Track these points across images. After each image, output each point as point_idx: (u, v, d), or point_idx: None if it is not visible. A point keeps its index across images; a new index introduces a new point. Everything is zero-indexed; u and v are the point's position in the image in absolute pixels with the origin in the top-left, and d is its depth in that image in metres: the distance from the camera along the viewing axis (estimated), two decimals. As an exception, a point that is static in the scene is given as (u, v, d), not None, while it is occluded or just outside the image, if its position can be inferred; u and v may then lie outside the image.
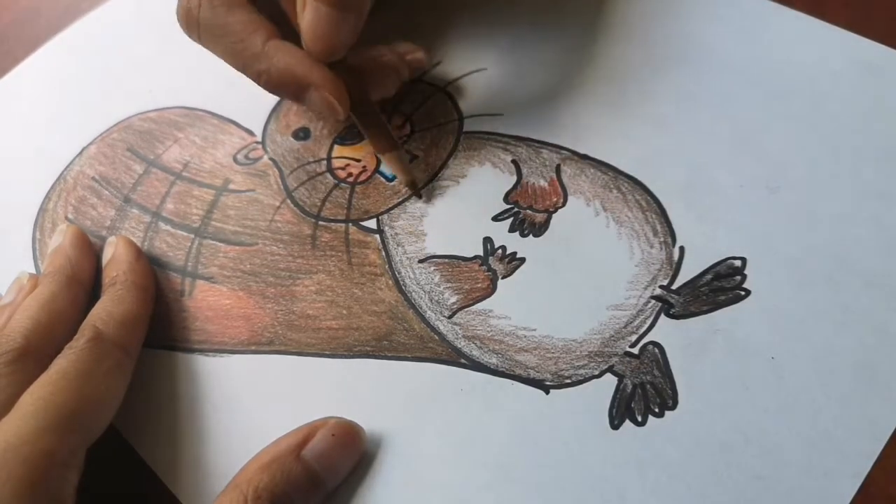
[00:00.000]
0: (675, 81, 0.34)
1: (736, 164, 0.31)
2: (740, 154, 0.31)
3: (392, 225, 0.32)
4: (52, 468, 0.23)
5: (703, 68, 0.34)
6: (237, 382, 0.29)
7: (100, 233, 0.34)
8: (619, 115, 0.33)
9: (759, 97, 0.33)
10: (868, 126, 0.31)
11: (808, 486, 0.24)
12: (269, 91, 0.30)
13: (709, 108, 0.33)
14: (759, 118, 0.32)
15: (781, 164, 0.31)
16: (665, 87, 0.34)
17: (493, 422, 0.27)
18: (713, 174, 0.31)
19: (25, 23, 0.45)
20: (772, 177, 0.31)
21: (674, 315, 0.28)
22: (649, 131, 0.33)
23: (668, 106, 0.33)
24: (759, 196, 0.30)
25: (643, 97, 0.34)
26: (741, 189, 0.30)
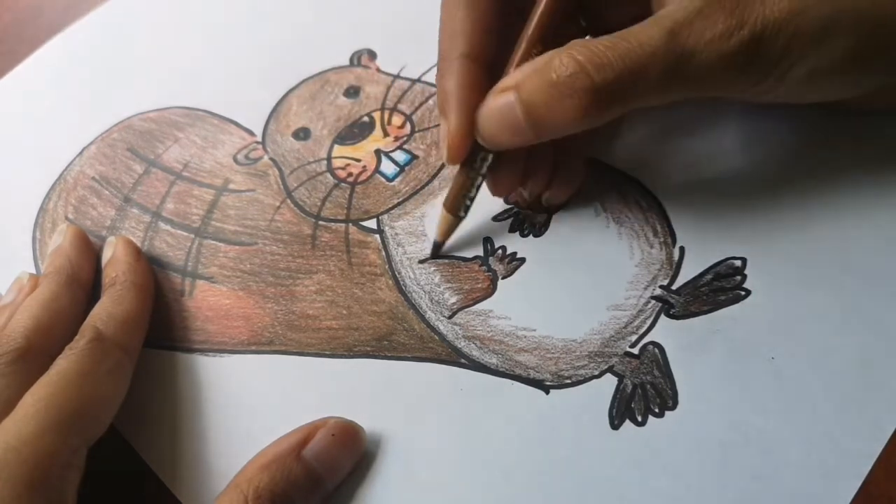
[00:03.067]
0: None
1: (736, 164, 0.31)
2: (740, 154, 0.31)
3: (392, 225, 0.32)
4: (53, 469, 0.23)
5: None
6: (237, 382, 0.29)
7: (100, 233, 0.34)
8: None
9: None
10: (868, 126, 0.31)
11: (808, 487, 0.24)
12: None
13: (709, 108, 0.33)
14: (760, 118, 0.32)
15: (781, 163, 0.31)
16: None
17: (493, 422, 0.27)
18: (713, 174, 0.31)
19: (26, 22, 0.45)
20: (772, 177, 0.30)
21: (674, 315, 0.28)
22: (649, 131, 0.33)
23: (668, 107, 0.33)
24: (759, 196, 0.30)
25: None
26: (741, 189, 0.30)
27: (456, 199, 0.29)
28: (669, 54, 0.23)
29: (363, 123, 0.36)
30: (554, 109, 0.24)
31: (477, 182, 0.29)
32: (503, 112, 0.26)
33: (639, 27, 0.24)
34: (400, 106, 0.36)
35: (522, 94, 0.25)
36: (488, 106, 0.26)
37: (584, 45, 0.24)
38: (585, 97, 0.24)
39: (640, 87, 0.24)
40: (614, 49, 0.24)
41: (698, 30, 0.23)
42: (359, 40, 0.39)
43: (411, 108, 0.36)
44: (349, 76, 0.37)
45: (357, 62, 0.38)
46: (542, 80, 0.24)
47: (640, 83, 0.24)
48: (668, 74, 0.24)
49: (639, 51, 0.23)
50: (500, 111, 0.26)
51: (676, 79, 0.24)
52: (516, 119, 0.25)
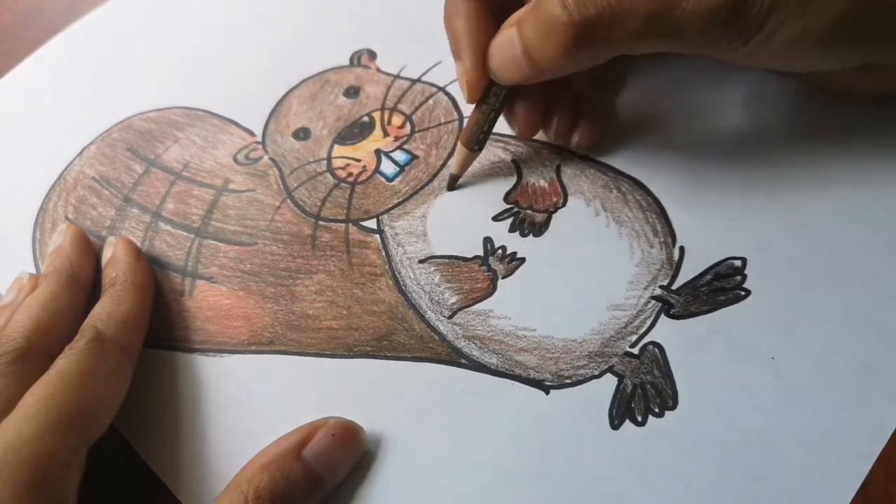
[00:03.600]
0: (676, 81, 0.34)
1: (736, 164, 0.31)
2: (741, 154, 0.31)
3: (392, 225, 0.32)
4: (53, 469, 0.23)
5: (703, 68, 0.34)
6: (237, 382, 0.29)
7: (100, 233, 0.34)
8: (619, 115, 0.33)
9: (757, 97, 0.33)
10: (868, 125, 0.31)
11: (808, 487, 0.24)
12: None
13: (709, 108, 0.33)
14: (760, 117, 0.32)
15: (782, 163, 0.31)
16: (666, 87, 0.34)
17: (493, 422, 0.27)
18: (713, 174, 0.31)
19: (26, 22, 0.45)
20: (772, 177, 0.30)
21: (674, 315, 0.28)
22: (649, 131, 0.33)
23: (668, 106, 0.33)
24: (759, 196, 0.30)
25: (644, 97, 0.34)
26: (741, 189, 0.30)
27: (472, 133, 0.30)
28: (652, 2, 0.24)
29: (363, 123, 0.36)
30: (543, 46, 0.25)
31: (490, 116, 0.30)
32: (506, 47, 0.27)
33: None
34: (400, 106, 0.36)
35: (521, 30, 0.26)
36: (496, 41, 0.27)
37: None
38: (565, 34, 0.24)
39: (621, 29, 0.24)
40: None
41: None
42: (359, 40, 0.39)
43: (411, 108, 0.36)
44: (349, 76, 0.37)
45: (357, 62, 0.38)
46: (534, 16, 0.25)
47: (621, 25, 0.24)
48: (650, 21, 0.24)
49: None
50: (503, 46, 0.27)
51: (659, 27, 0.24)
52: (517, 54, 0.26)
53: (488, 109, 0.30)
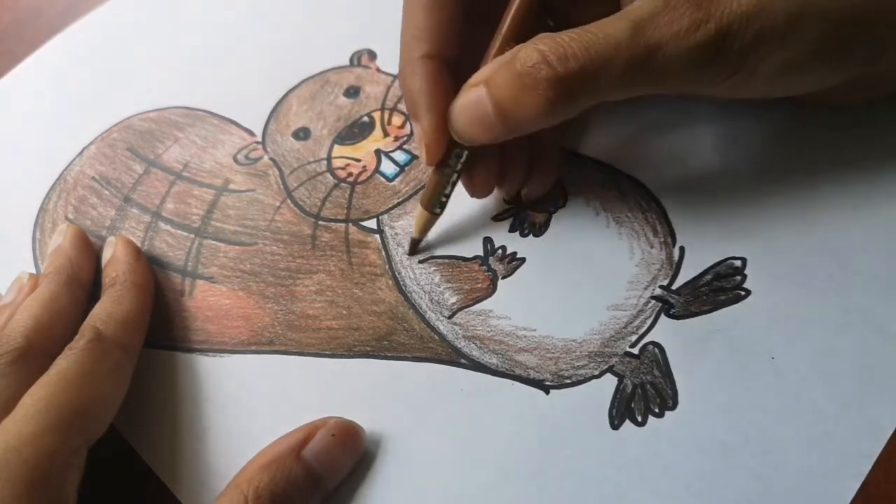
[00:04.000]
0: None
1: (736, 164, 0.31)
2: (741, 154, 0.31)
3: (392, 225, 0.32)
4: (53, 469, 0.23)
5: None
6: (237, 382, 0.29)
7: (100, 233, 0.34)
8: (619, 115, 0.33)
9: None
10: (867, 126, 0.31)
11: (808, 487, 0.24)
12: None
13: (709, 108, 0.33)
14: (760, 117, 0.32)
15: (782, 163, 0.31)
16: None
17: (493, 422, 0.27)
18: (713, 174, 0.31)
19: (26, 22, 0.45)
20: (772, 177, 0.30)
21: (674, 315, 0.28)
22: (649, 132, 0.33)
23: (668, 106, 0.33)
24: (759, 196, 0.30)
25: (643, 97, 0.34)
26: (741, 189, 0.30)
27: (432, 196, 0.29)
28: (634, 47, 0.23)
29: (363, 123, 0.36)
30: (521, 103, 0.24)
31: (452, 179, 0.29)
32: (474, 107, 0.26)
33: (605, 20, 0.24)
34: (400, 106, 0.36)
35: (491, 88, 0.25)
36: (460, 101, 0.26)
37: (548, 37, 0.24)
38: (549, 89, 0.24)
39: (604, 79, 0.24)
40: (578, 40, 0.23)
41: (664, 23, 0.23)
42: (359, 40, 0.39)
43: (411, 108, 0.36)
44: (349, 76, 0.37)
45: (357, 62, 0.38)
46: (508, 73, 0.24)
47: (604, 75, 0.24)
48: (632, 67, 0.23)
49: (603, 42, 0.23)
50: (471, 106, 0.26)
51: (641, 72, 0.24)
52: (487, 114, 0.25)
53: (449, 171, 0.29)
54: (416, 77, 0.27)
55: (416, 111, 0.28)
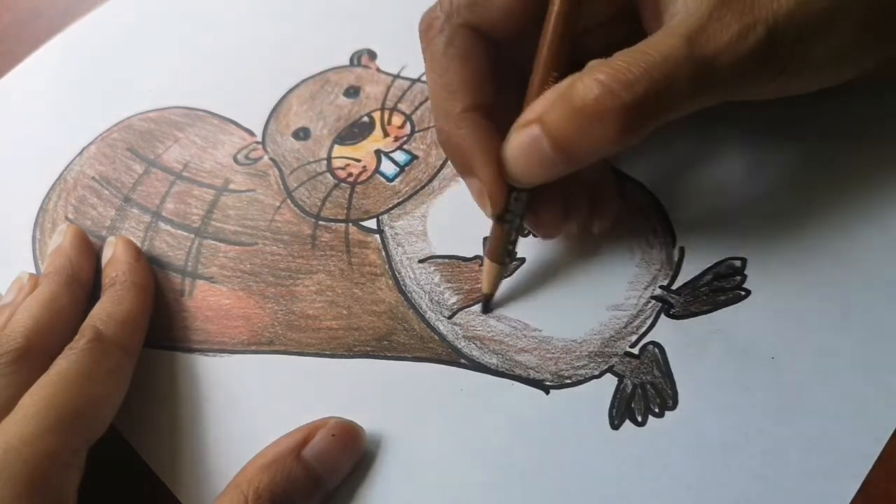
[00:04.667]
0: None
1: (736, 165, 0.31)
2: (740, 154, 0.31)
3: (392, 225, 0.32)
4: (53, 469, 0.23)
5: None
6: (237, 382, 0.29)
7: (100, 233, 0.34)
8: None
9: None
10: (868, 125, 0.31)
11: (808, 487, 0.24)
12: (441, 146, 0.28)
13: (708, 109, 0.32)
14: (760, 118, 0.32)
15: (781, 164, 0.31)
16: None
17: (493, 422, 0.27)
18: (713, 174, 0.31)
19: (26, 23, 0.45)
20: (772, 177, 0.30)
21: (674, 315, 0.28)
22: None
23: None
24: (759, 196, 0.30)
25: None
26: (741, 189, 0.30)
27: (500, 247, 0.28)
28: (692, 61, 0.23)
29: (363, 123, 0.36)
30: (586, 136, 0.23)
31: (516, 225, 0.27)
32: (530, 147, 0.24)
33: (654, 39, 0.23)
34: (400, 106, 0.36)
35: (547, 125, 0.24)
36: (513, 143, 0.25)
37: (603, 64, 0.23)
38: (619, 118, 0.23)
39: (670, 98, 0.23)
40: (638, 64, 0.23)
41: (715, 33, 0.23)
42: (359, 40, 0.39)
43: (411, 108, 0.36)
44: (349, 76, 0.37)
45: (357, 62, 0.38)
46: (567, 107, 0.23)
47: (670, 95, 0.23)
48: (694, 82, 0.23)
49: (662, 62, 0.23)
50: (526, 147, 0.25)
51: (703, 85, 0.23)
52: (544, 152, 0.24)
53: (512, 217, 0.27)
54: (463, 132, 0.26)
55: (471, 166, 0.26)
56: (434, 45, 0.27)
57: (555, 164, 0.24)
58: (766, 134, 0.32)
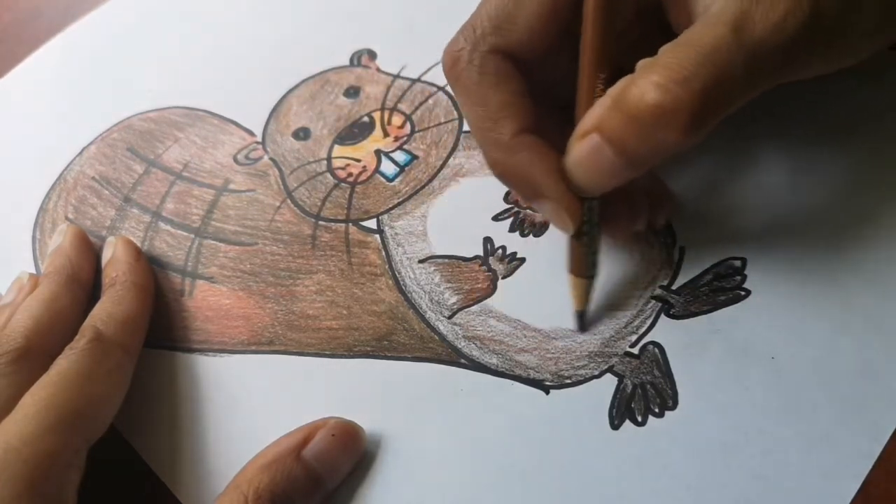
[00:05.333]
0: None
1: (736, 165, 0.31)
2: (740, 154, 0.31)
3: (392, 225, 0.32)
4: (54, 469, 0.23)
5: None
6: (237, 382, 0.29)
7: (100, 233, 0.34)
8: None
9: (757, 97, 0.33)
10: (868, 125, 0.31)
11: (808, 487, 0.24)
12: (497, 178, 0.27)
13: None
14: (760, 118, 0.32)
15: (781, 164, 0.31)
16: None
17: (493, 422, 0.27)
18: (713, 174, 0.31)
19: (26, 23, 0.45)
20: (772, 177, 0.30)
21: (674, 315, 0.28)
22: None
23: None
24: (759, 196, 0.30)
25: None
26: (741, 189, 0.30)
27: (583, 260, 0.27)
28: (743, 48, 0.22)
29: (363, 123, 0.36)
30: (648, 140, 0.23)
31: (594, 233, 0.27)
32: (592, 157, 0.24)
33: (697, 32, 0.23)
34: (400, 106, 0.36)
35: (606, 133, 0.23)
36: (575, 155, 0.24)
37: (655, 65, 0.23)
38: (680, 118, 0.22)
39: (728, 90, 0.23)
40: (690, 59, 0.22)
41: (761, 16, 0.22)
42: (359, 40, 0.39)
43: (411, 108, 0.36)
44: (349, 76, 0.37)
45: (357, 62, 0.38)
46: (624, 114, 0.23)
47: (727, 86, 0.22)
48: (748, 69, 0.22)
49: (714, 53, 0.22)
50: (588, 157, 0.24)
51: (757, 71, 0.23)
52: (608, 160, 0.24)
53: (589, 227, 0.26)
54: (520, 157, 0.26)
55: (538, 188, 0.26)
56: (465, 77, 0.26)
57: (621, 171, 0.24)
58: (766, 134, 0.32)
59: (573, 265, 0.27)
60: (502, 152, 0.26)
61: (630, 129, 0.23)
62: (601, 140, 0.23)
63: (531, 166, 0.25)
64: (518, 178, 0.26)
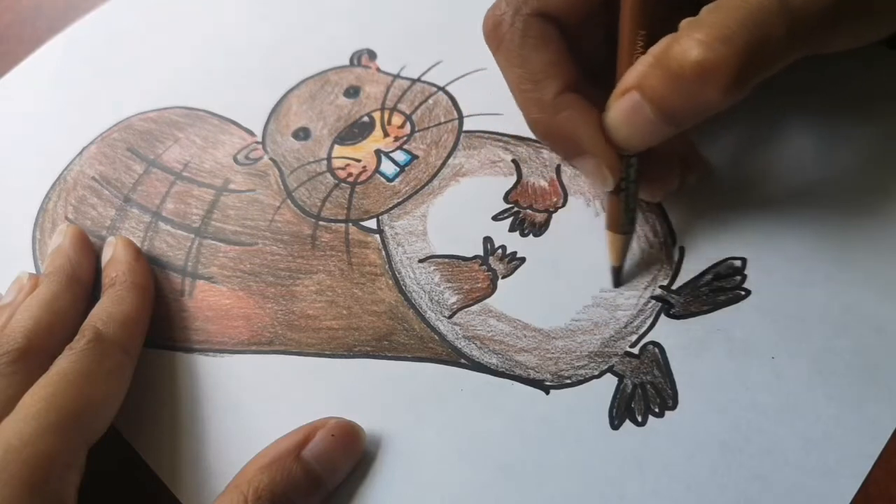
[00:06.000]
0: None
1: (735, 164, 0.31)
2: (740, 154, 0.31)
3: (392, 225, 0.32)
4: (54, 469, 0.23)
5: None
6: (237, 382, 0.29)
7: (100, 233, 0.34)
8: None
9: (759, 97, 0.33)
10: (868, 125, 0.31)
11: (808, 486, 0.24)
12: (539, 139, 0.28)
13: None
14: (760, 118, 0.32)
15: (781, 163, 0.31)
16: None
17: (493, 422, 0.27)
18: (713, 174, 0.31)
19: (26, 23, 0.45)
20: (772, 177, 0.30)
21: (674, 315, 0.28)
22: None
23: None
24: (759, 196, 0.30)
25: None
26: (741, 189, 0.30)
27: (619, 216, 0.28)
28: (786, 11, 0.22)
29: (363, 123, 0.36)
30: (689, 99, 0.23)
31: (632, 190, 0.27)
32: (632, 114, 0.24)
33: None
34: (400, 106, 0.36)
35: (647, 91, 0.24)
36: (615, 111, 0.25)
37: (699, 23, 0.23)
38: (722, 77, 0.22)
39: (770, 52, 0.23)
40: (734, 19, 0.22)
41: None
42: (359, 40, 0.39)
43: (411, 108, 0.36)
44: (349, 76, 0.37)
45: (357, 62, 0.38)
46: (666, 72, 0.23)
47: (769, 48, 0.23)
48: (791, 32, 0.23)
49: (759, 15, 0.22)
50: (628, 114, 0.25)
51: (798, 35, 0.23)
52: (647, 117, 0.24)
53: (627, 184, 0.27)
54: (563, 115, 0.26)
55: (579, 145, 0.26)
56: (508, 40, 0.27)
57: (660, 129, 0.24)
58: (765, 134, 0.32)
59: (610, 221, 0.28)
60: (545, 112, 0.27)
61: (671, 86, 0.23)
62: (641, 97, 0.24)
63: (573, 123, 0.26)
64: (560, 135, 0.27)
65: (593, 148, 0.26)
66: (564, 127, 0.26)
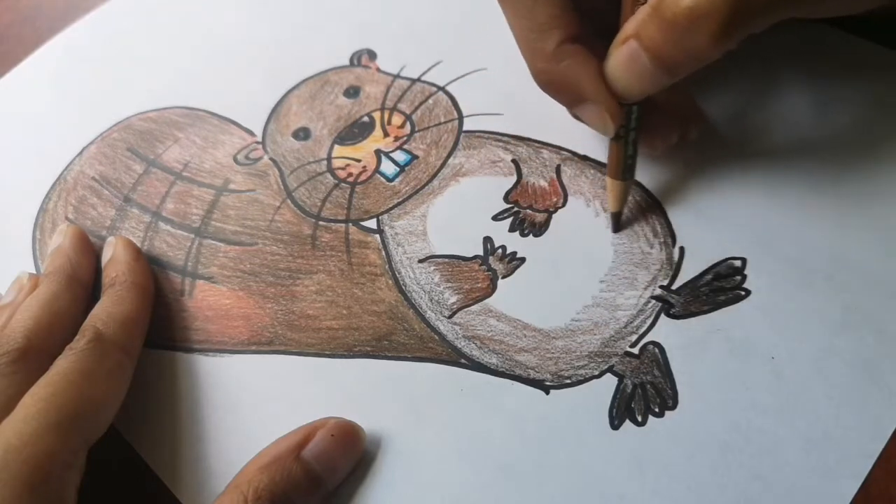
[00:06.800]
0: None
1: (735, 164, 0.31)
2: (740, 154, 0.31)
3: (392, 225, 0.32)
4: (54, 469, 0.23)
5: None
6: (237, 382, 0.29)
7: (100, 233, 0.34)
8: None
9: (759, 97, 0.33)
10: (868, 125, 0.31)
11: (808, 486, 0.24)
12: (542, 89, 0.29)
13: (708, 109, 0.33)
14: (761, 118, 0.32)
15: (781, 164, 0.31)
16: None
17: (493, 422, 0.27)
18: (713, 174, 0.31)
19: (25, 23, 0.45)
20: (771, 177, 0.30)
21: (674, 315, 0.28)
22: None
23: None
24: (759, 196, 0.30)
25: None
26: (741, 189, 0.30)
27: (619, 163, 0.29)
28: None
29: (363, 123, 0.36)
30: (682, 47, 0.24)
31: (632, 138, 0.28)
32: (630, 62, 0.25)
33: None
34: (400, 106, 0.36)
35: (644, 40, 0.25)
36: (614, 60, 0.26)
37: None
38: (714, 22, 0.23)
39: (758, 1, 0.23)
40: None
41: None
42: (359, 40, 0.39)
43: (411, 108, 0.36)
44: (349, 76, 0.37)
45: (357, 62, 0.38)
46: (660, 20, 0.24)
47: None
48: None
49: None
50: (626, 62, 0.25)
51: None
52: (645, 65, 0.25)
53: (625, 132, 0.28)
54: (565, 63, 0.27)
55: (581, 93, 0.27)
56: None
57: (656, 77, 0.25)
58: (765, 134, 0.32)
59: (611, 168, 0.29)
60: (548, 61, 0.27)
61: (665, 34, 0.24)
62: (638, 46, 0.25)
63: (574, 72, 0.27)
64: (562, 84, 0.28)
65: (594, 95, 0.27)
66: (566, 75, 0.27)
